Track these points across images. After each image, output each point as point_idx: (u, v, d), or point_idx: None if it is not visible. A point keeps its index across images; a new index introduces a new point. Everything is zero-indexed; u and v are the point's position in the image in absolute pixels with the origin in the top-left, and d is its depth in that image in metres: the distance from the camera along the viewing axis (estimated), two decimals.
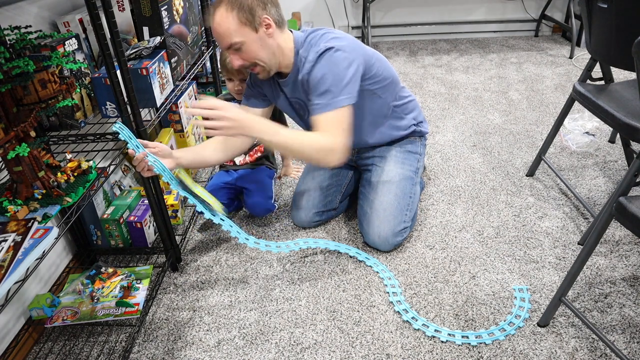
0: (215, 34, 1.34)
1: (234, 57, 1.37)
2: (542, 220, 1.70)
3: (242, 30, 1.31)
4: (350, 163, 1.78)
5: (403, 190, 1.60)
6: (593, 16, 1.52)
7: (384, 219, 1.54)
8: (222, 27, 1.30)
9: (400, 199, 1.58)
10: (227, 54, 1.43)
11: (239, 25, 1.30)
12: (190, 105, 1.96)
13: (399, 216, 1.56)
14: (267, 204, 1.75)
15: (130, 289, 1.35)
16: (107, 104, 1.32)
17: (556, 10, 3.56)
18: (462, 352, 1.23)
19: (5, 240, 0.90)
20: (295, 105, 1.56)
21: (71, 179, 1.13)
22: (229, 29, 1.30)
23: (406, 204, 1.59)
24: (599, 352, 1.21)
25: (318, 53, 1.38)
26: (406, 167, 1.64)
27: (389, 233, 1.54)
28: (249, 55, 1.35)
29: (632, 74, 1.65)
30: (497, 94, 2.71)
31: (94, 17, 1.09)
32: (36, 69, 1.00)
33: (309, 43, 1.43)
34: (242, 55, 1.35)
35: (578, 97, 1.60)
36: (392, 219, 1.55)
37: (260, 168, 1.85)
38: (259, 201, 1.74)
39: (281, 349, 1.28)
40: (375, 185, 1.61)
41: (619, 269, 1.47)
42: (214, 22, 1.31)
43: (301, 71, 1.43)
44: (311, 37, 1.43)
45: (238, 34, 1.31)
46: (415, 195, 1.64)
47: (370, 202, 1.60)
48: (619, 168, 1.96)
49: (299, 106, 1.55)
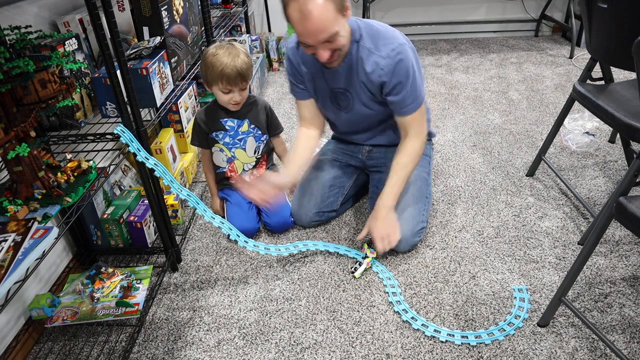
0: (313, 28, 1.23)
1: (324, 49, 1.30)
2: (542, 220, 1.70)
3: (337, 19, 1.25)
4: (357, 164, 1.76)
5: (420, 190, 1.59)
6: (593, 16, 1.52)
7: (403, 220, 1.52)
8: (323, 20, 1.21)
9: (418, 199, 1.57)
10: (315, 49, 1.31)
11: (336, 13, 1.24)
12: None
13: (418, 216, 1.55)
14: (288, 220, 1.71)
15: (130, 289, 1.35)
16: (107, 104, 1.32)
17: (556, 10, 3.56)
18: (462, 352, 1.23)
19: (5, 240, 0.90)
20: (339, 97, 1.53)
21: (71, 179, 1.13)
22: (329, 20, 1.22)
23: (423, 204, 1.59)
24: (599, 352, 1.21)
25: (394, 52, 1.37)
26: (420, 168, 1.63)
27: (408, 234, 1.52)
28: (338, 43, 1.31)
29: (632, 74, 1.65)
30: (497, 94, 2.71)
31: (94, 17, 1.09)
32: (36, 69, 1.00)
33: (370, 35, 1.40)
34: (331, 46, 1.30)
35: (578, 97, 1.60)
36: (411, 220, 1.54)
37: None
38: (280, 222, 1.70)
39: (281, 349, 1.28)
40: None
41: (619, 269, 1.47)
42: (313, 17, 1.20)
43: (365, 62, 1.40)
44: (368, 29, 1.41)
45: (336, 23, 1.25)
46: (430, 196, 1.65)
47: None
48: (619, 168, 1.96)
49: (343, 97, 1.52)
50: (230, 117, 1.68)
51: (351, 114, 1.57)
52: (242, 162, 1.75)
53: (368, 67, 1.41)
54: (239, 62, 1.54)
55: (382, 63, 1.39)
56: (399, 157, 1.50)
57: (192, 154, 2.03)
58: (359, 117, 1.58)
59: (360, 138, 1.71)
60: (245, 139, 1.71)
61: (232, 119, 1.68)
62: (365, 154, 1.73)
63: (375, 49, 1.40)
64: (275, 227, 1.71)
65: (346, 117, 1.60)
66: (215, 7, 2.83)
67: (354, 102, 1.52)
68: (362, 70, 1.43)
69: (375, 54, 1.40)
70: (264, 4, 3.55)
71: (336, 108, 1.58)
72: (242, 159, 1.74)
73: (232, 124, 1.68)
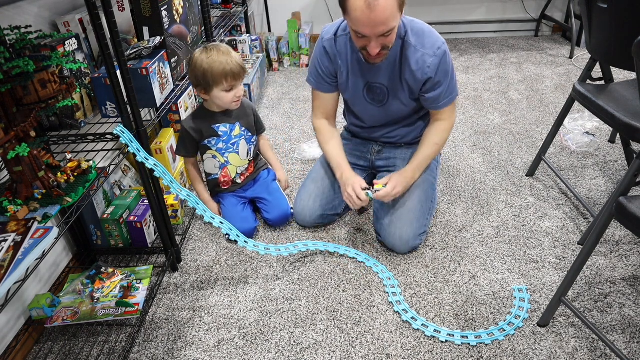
0: (378, 19, 1.23)
1: (377, 43, 1.29)
2: (542, 220, 1.70)
3: (397, 15, 1.26)
4: (365, 164, 1.75)
5: (426, 194, 1.59)
6: (593, 16, 1.52)
7: (407, 222, 1.53)
8: (387, 12, 1.22)
9: (424, 202, 1.57)
10: (368, 40, 1.30)
11: (397, 9, 1.25)
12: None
13: (421, 219, 1.55)
14: (288, 212, 1.72)
15: (130, 289, 1.35)
16: (107, 104, 1.32)
17: (556, 10, 3.56)
18: (462, 352, 1.23)
19: (5, 240, 0.90)
20: (375, 90, 1.53)
21: (71, 179, 1.13)
22: (393, 14, 1.23)
23: (428, 208, 1.59)
24: (599, 352, 1.21)
25: (440, 50, 1.41)
26: (428, 172, 1.63)
27: (410, 236, 1.52)
28: (392, 39, 1.31)
29: (632, 74, 1.66)
30: (497, 94, 2.71)
31: (94, 17, 1.09)
32: (36, 69, 1.00)
33: (415, 32, 1.42)
34: (384, 40, 1.30)
35: (578, 97, 1.60)
36: (415, 222, 1.53)
37: (261, 174, 1.82)
38: (280, 215, 1.71)
39: (281, 349, 1.28)
40: None
41: (619, 269, 1.47)
42: (379, 8, 1.20)
43: (410, 58, 1.42)
44: (413, 26, 1.43)
45: (396, 18, 1.26)
46: (435, 200, 1.65)
47: (392, 203, 1.57)
48: (619, 168, 1.96)
49: (380, 91, 1.53)
50: (221, 122, 1.66)
51: (383, 109, 1.58)
52: (235, 167, 1.74)
53: (413, 64, 1.43)
54: (236, 57, 1.55)
55: (428, 61, 1.41)
56: (431, 135, 1.57)
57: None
58: (390, 112, 1.59)
59: (380, 133, 1.70)
60: (237, 143, 1.70)
61: (224, 124, 1.66)
62: (374, 154, 1.73)
63: (421, 47, 1.42)
64: (275, 221, 1.72)
65: (376, 111, 1.60)
66: (215, 7, 2.83)
67: (389, 98, 1.54)
68: (407, 67, 1.44)
69: (421, 51, 1.42)
70: (264, 4, 3.55)
71: (368, 102, 1.58)
72: (235, 163, 1.73)
73: (225, 129, 1.66)
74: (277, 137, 2.37)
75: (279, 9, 3.58)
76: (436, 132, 1.56)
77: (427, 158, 1.57)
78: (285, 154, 2.22)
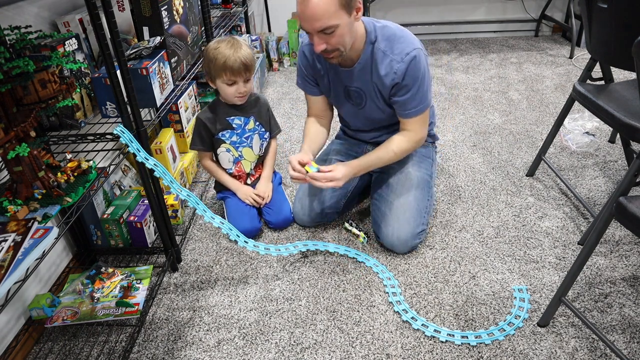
0: (310, 14, 1.25)
1: (319, 41, 1.31)
2: (542, 220, 1.70)
3: (339, 13, 1.26)
4: None
5: (422, 192, 1.59)
6: (593, 16, 1.52)
7: (404, 221, 1.53)
8: (321, 8, 1.23)
9: (420, 201, 1.57)
10: (312, 37, 1.32)
11: (338, 7, 1.25)
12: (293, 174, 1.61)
13: (419, 218, 1.55)
14: (289, 217, 1.72)
15: (130, 289, 1.35)
16: (107, 104, 1.32)
17: (556, 10, 3.56)
18: (462, 352, 1.23)
19: (5, 240, 0.90)
20: (352, 94, 1.55)
21: (71, 179, 1.13)
22: (328, 11, 1.24)
23: (424, 206, 1.58)
24: (599, 352, 1.21)
25: (409, 56, 1.39)
26: (423, 170, 1.63)
27: (408, 235, 1.52)
28: (337, 40, 1.31)
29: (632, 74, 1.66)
30: (497, 94, 2.71)
31: (94, 17, 1.09)
32: (36, 69, 1.00)
33: (386, 38, 1.41)
34: (329, 39, 1.30)
35: (578, 97, 1.60)
36: (412, 221, 1.53)
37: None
38: (282, 219, 1.71)
39: (281, 349, 1.28)
40: (394, 187, 1.59)
41: (619, 269, 1.47)
42: (312, 2, 1.23)
43: (379, 64, 1.42)
44: (384, 31, 1.42)
45: (335, 17, 1.26)
46: (432, 198, 1.65)
47: (389, 203, 1.57)
48: (619, 168, 1.96)
49: (357, 95, 1.54)
50: (236, 115, 1.68)
51: (363, 112, 1.59)
52: (249, 161, 1.76)
53: (382, 70, 1.43)
54: (242, 53, 1.55)
55: (395, 66, 1.41)
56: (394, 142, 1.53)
57: (192, 154, 2.03)
58: (370, 116, 1.60)
59: (369, 136, 1.72)
60: (252, 137, 1.73)
61: (238, 117, 1.69)
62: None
63: (390, 52, 1.41)
64: (277, 224, 1.72)
65: (358, 114, 1.62)
66: (215, 7, 2.83)
67: (367, 101, 1.54)
68: (376, 72, 1.44)
69: (390, 56, 1.41)
70: (264, 4, 3.55)
71: (350, 105, 1.60)
72: (248, 158, 1.75)
73: (239, 122, 1.69)
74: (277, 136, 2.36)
75: (279, 9, 3.58)
76: (399, 141, 1.53)
77: (379, 161, 1.55)
78: (285, 154, 2.22)
